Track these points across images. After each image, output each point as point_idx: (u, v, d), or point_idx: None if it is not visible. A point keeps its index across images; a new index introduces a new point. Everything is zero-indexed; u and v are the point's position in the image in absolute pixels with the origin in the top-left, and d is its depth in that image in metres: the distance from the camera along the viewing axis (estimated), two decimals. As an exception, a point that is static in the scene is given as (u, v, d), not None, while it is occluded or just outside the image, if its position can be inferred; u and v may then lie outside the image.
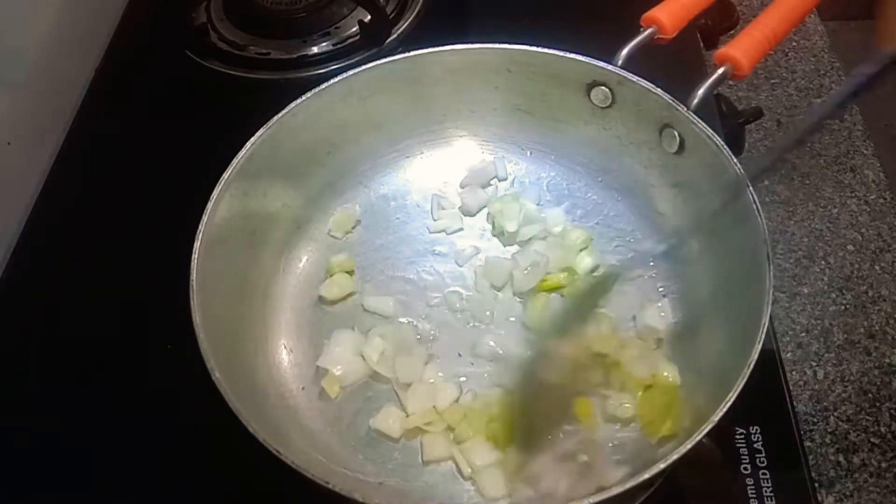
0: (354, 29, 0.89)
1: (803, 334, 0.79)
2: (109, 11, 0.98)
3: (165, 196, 0.78)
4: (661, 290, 0.69)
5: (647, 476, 0.49)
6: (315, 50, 0.89)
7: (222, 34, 0.91)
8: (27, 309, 0.74)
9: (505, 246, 0.74)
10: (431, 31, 0.91)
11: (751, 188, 0.59)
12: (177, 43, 0.90)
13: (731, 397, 0.50)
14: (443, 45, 0.71)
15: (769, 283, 0.55)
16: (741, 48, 0.64)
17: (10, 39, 0.82)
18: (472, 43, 0.71)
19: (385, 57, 0.71)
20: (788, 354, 0.77)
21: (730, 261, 0.62)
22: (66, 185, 0.83)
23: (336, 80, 0.69)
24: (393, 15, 0.91)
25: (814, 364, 0.77)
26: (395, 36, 0.89)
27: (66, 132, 0.87)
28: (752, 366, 0.51)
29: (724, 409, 0.50)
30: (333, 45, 0.89)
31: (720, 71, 0.64)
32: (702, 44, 0.91)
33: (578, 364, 0.63)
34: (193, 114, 0.88)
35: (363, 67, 0.69)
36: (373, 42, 0.88)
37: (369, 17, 0.88)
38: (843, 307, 0.81)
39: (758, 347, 0.52)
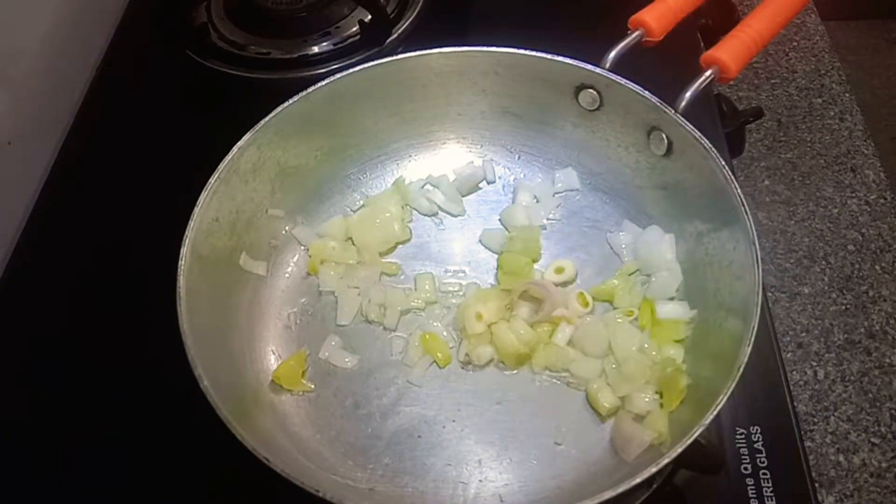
0: (355, 29, 0.89)
1: (803, 334, 0.79)
2: (109, 11, 0.98)
3: (165, 196, 0.78)
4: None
5: (646, 475, 0.49)
6: (315, 50, 0.89)
7: (222, 34, 0.91)
8: (27, 309, 0.74)
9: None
10: (432, 30, 0.91)
11: (738, 190, 0.59)
12: (177, 43, 0.90)
13: (721, 400, 0.51)
14: (443, 45, 0.71)
15: (758, 285, 0.55)
16: (728, 51, 0.64)
17: (10, 39, 0.82)
18: (466, 45, 0.71)
19: (385, 57, 0.71)
20: (789, 354, 0.77)
21: (721, 261, 0.62)
22: (66, 185, 0.83)
23: (323, 83, 0.68)
24: (393, 15, 0.91)
25: (814, 364, 0.77)
26: (395, 36, 0.89)
27: (66, 132, 0.87)
28: (741, 368, 0.52)
29: (715, 412, 0.50)
30: (334, 44, 0.89)
31: (707, 73, 0.64)
32: (703, 44, 0.91)
33: None
34: (193, 113, 0.88)
35: (350, 71, 0.69)
36: (373, 42, 0.88)
37: (370, 16, 0.88)
38: (843, 307, 0.81)
39: (746, 350, 0.52)
